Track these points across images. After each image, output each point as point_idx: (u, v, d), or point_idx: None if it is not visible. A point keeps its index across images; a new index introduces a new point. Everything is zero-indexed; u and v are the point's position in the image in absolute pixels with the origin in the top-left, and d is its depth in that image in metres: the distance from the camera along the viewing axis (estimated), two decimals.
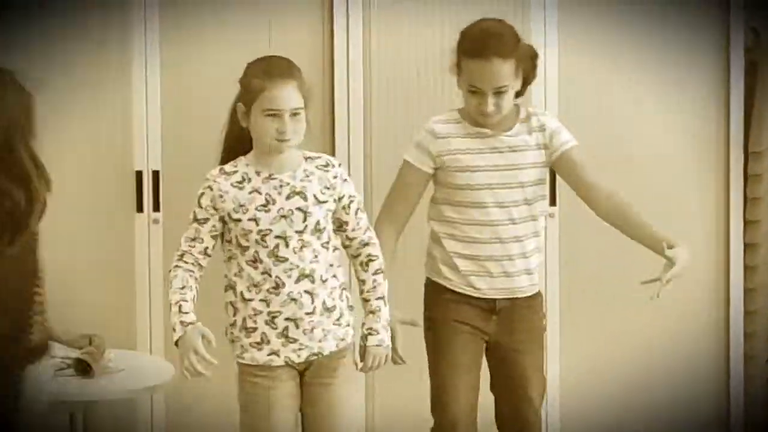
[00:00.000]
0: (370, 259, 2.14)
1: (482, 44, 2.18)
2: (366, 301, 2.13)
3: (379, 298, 2.12)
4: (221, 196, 2.06)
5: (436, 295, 2.33)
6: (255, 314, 2.06)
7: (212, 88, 2.79)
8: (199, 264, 2.09)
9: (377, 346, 2.09)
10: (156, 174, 2.83)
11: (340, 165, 2.17)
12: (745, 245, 3.00)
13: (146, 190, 2.82)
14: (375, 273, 2.13)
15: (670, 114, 2.98)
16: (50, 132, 2.78)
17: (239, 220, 2.05)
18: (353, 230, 2.15)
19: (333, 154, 2.83)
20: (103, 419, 2.67)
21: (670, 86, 2.97)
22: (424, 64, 2.93)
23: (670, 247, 2.11)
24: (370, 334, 2.09)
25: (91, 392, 2.36)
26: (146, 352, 2.82)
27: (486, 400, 2.36)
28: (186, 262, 2.09)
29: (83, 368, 2.34)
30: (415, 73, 2.95)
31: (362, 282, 2.15)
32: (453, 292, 2.28)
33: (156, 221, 2.83)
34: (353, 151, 2.95)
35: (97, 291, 2.83)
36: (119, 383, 2.39)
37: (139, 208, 2.82)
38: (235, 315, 2.10)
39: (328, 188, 2.09)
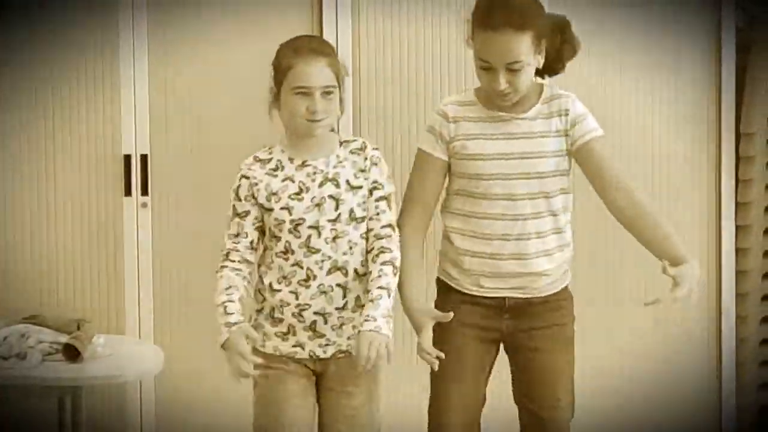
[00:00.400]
0: (381, 251, 1.97)
1: (492, 13, 1.94)
2: (367, 291, 1.96)
3: (381, 288, 1.93)
4: (256, 185, 1.98)
5: (442, 295, 2.16)
6: (282, 305, 1.97)
7: (200, 72, 2.81)
8: (247, 260, 2.00)
9: (371, 331, 1.87)
10: (144, 158, 2.80)
11: (376, 148, 2.04)
12: (737, 227, 2.98)
13: (134, 174, 2.80)
14: (383, 264, 1.95)
15: (661, 96, 2.96)
16: (39, 118, 2.81)
17: (272, 210, 1.96)
18: (370, 219, 2.00)
19: None
20: (92, 404, 2.66)
21: (660, 68, 2.95)
22: (412, 53, 2.92)
23: (676, 264, 1.92)
24: (366, 320, 1.90)
25: (80, 377, 2.33)
26: (135, 337, 2.80)
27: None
28: (232, 261, 1.98)
29: (72, 353, 2.32)
30: (400, 63, 2.93)
31: (369, 273, 1.98)
32: (459, 292, 2.11)
33: (144, 205, 2.80)
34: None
35: (86, 276, 2.82)
36: (108, 368, 2.37)
37: (128, 192, 2.80)
38: (262, 303, 2.02)
39: (363, 171, 1.99)
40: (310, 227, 1.94)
